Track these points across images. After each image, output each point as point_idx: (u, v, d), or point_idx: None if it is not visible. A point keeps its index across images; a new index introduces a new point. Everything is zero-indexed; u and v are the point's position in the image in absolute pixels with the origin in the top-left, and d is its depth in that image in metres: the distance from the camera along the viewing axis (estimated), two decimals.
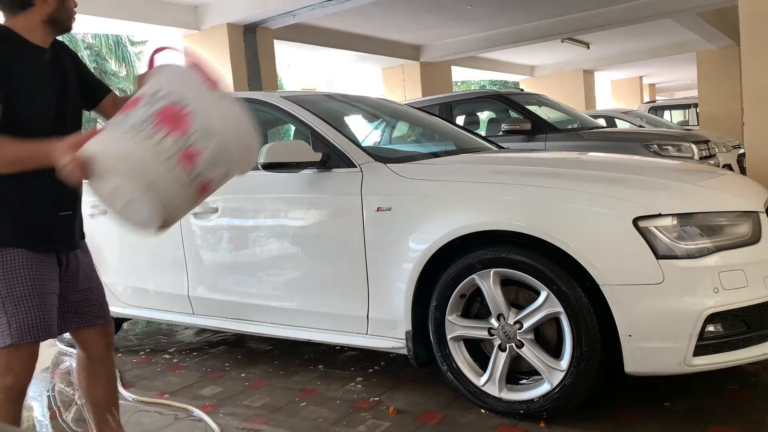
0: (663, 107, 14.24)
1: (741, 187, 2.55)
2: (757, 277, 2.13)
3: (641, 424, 2.28)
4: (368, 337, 2.69)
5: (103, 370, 2.12)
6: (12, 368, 1.83)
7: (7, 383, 1.82)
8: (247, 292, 3.07)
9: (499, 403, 2.39)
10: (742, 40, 4.27)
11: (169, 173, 1.57)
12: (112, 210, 1.70)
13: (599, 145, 5.55)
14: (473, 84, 22.71)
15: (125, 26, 7.82)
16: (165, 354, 3.69)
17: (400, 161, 2.81)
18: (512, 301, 2.39)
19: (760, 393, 2.50)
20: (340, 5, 7.11)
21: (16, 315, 1.80)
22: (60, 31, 1.94)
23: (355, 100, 4.03)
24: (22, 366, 1.85)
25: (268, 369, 3.24)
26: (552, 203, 2.27)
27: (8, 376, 1.82)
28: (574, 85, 15.23)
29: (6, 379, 1.82)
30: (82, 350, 2.10)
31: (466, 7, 8.88)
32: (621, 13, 9.37)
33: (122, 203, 1.63)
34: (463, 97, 7.00)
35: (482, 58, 13.51)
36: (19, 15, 1.85)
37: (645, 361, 2.12)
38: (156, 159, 1.55)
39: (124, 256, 3.60)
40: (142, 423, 2.66)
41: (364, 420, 2.50)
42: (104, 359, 2.12)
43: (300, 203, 2.90)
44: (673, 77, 19.65)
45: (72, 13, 1.95)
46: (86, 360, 2.11)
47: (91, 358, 2.10)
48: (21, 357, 1.84)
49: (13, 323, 1.80)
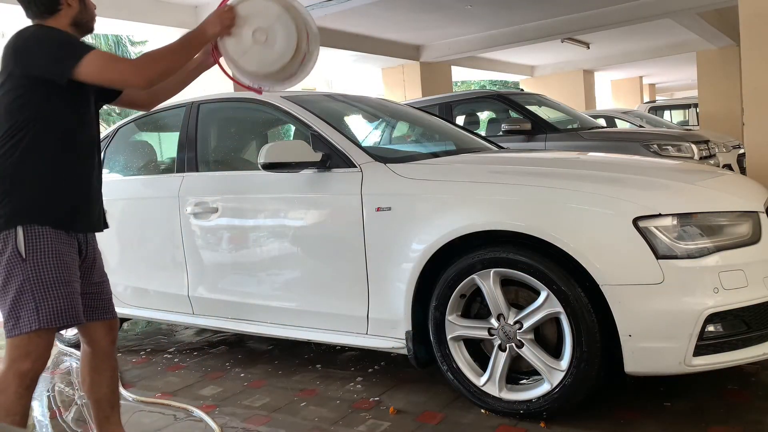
0: (663, 107, 14.24)
1: (741, 187, 2.55)
2: (757, 277, 2.13)
3: (641, 424, 2.28)
4: (368, 337, 2.69)
5: (107, 366, 2.16)
6: (30, 354, 1.88)
7: (24, 369, 1.87)
8: (247, 292, 3.07)
9: (499, 403, 2.39)
10: (742, 40, 4.27)
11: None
12: (252, 50, 2.17)
13: (599, 145, 5.55)
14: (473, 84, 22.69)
15: (125, 26, 7.81)
16: (165, 354, 3.69)
17: (400, 161, 2.81)
18: (512, 301, 2.39)
19: (760, 393, 2.50)
20: (340, 5, 7.10)
21: (46, 301, 1.87)
22: (84, 32, 2.08)
23: (355, 100, 4.03)
24: (40, 352, 1.90)
25: (268, 369, 3.24)
26: (552, 203, 2.27)
27: (26, 361, 1.88)
28: (574, 85, 15.22)
29: (24, 364, 1.87)
30: (89, 345, 2.14)
31: (466, 7, 8.87)
32: (621, 13, 9.36)
33: (264, 36, 2.16)
34: (463, 97, 7.00)
35: (482, 58, 13.49)
36: (48, 20, 1.98)
37: (645, 361, 2.12)
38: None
39: (124, 256, 3.60)
40: (142, 423, 2.66)
41: (364, 420, 2.50)
42: (109, 355, 2.17)
43: (300, 203, 2.90)
44: (673, 77, 19.63)
45: (93, 15, 2.11)
46: (91, 355, 2.14)
47: (97, 353, 2.14)
48: (40, 344, 1.89)
49: (42, 309, 1.86)
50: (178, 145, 3.47)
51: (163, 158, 4.22)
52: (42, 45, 1.87)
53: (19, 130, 1.87)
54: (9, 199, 1.88)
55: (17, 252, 1.86)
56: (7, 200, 1.88)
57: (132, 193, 3.61)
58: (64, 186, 1.95)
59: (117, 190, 3.60)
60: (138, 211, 3.52)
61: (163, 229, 3.38)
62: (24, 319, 1.85)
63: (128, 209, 3.57)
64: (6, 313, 1.89)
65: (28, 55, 1.87)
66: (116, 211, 3.52)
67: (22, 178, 1.88)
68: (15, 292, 1.86)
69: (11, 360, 1.87)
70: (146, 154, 4.00)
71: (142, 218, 3.51)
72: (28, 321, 1.85)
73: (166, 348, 3.81)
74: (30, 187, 1.89)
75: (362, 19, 9.15)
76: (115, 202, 3.57)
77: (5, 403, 1.85)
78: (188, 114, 3.50)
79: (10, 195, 1.88)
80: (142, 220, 3.51)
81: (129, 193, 3.62)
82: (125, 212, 3.56)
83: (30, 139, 1.88)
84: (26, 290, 1.86)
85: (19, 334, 1.86)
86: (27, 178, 1.89)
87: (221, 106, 3.60)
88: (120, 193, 3.58)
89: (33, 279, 1.86)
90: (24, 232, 1.86)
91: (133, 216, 3.53)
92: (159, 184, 3.55)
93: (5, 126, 1.88)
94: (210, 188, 3.22)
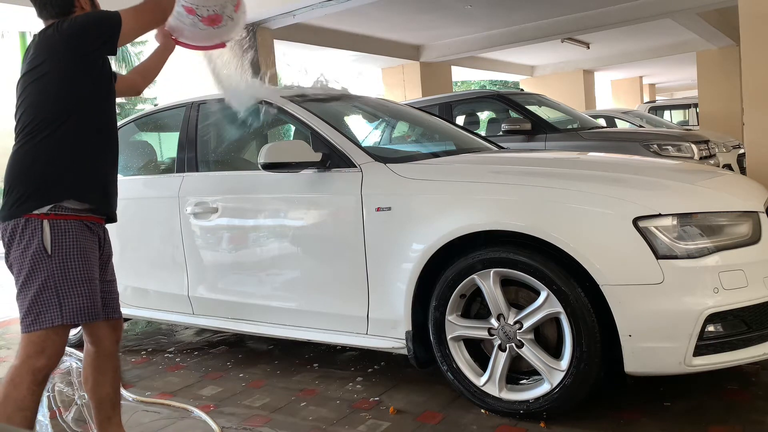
0: (663, 107, 14.24)
1: (741, 187, 2.55)
2: (757, 277, 2.13)
3: (641, 424, 2.28)
4: (368, 337, 2.69)
5: (111, 366, 2.17)
6: (45, 350, 1.91)
7: (39, 365, 1.90)
8: (247, 292, 3.07)
9: (499, 403, 2.39)
10: (742, 40, 4.27)
11: None
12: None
13: (599, 145, 5.55)
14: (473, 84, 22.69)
15: None
16: (165, 354, 3.69)
17: (400, 161, 2.81)
18: (512, 301, 2.39)
19: (760, 393, 2.50)
20: (340, 5, 7.10)
21: (70, 297, 1.91)
22: None
23: (355, 100, 4.03)
24: (54, 349, 1.93)
25: (268, 369, 3.24)
26: (552, 203, 2.27)
27: (41, 357, 1.90)
28: (574, 85, 15.22)
29: (38, 360, 1.90)
30: (93, 344, 2.15)
31: (466, 7, 8.87)
32: (621, 13, 9.36)
33: None
34: (463, 97, 7.00)
35: (482, 58, 13.49)
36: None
37: (645, 361, 2.12)
38: None
39: (124, 256, 3.60)
40: (142, 423, 2.66)
41: (364, 420, 2.50)
42: (113, 354, 2.18)
43: (300, 203, 2.90)
44: (673, 77, 19.63)
45: None
46: (95, 354, 2.15)
47: (101, 353, 2.15)
48: (56, 341, 1.93)
49: (66, 305, 1.90)
50: (178, 145, 3.47)
51: (163, 158, 4.22)
52: (91, 24, 2.03)
53: (59, 115, 1.97)
54: (45, 179, 1.95)
55: (42, 248, 1.90)
56: (43, 180, 1.95)
57: (132, 193, 3.60)
58: (97, 168, 2.07)
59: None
60: (138, 211, 3.52)
61: (163, 229, 3.38)
62: (45, 315, 1.89)
63: (128, 209, 3.56)
64: (26, 308, 1.92)
65: (81, 35, 2.00)
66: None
67: (60, 161, 1.97)
68: (37, 288, 1.90)
69: (26, 356, 1.90)
70: (146, 154, 4.00)
71: (142, 218, 3.51)
72: (50, 317, 1.89)
73: (166, 348, 3.81)
74: (66, 168, 1.98)
75: (362, 19, 9.15)
76: None
77: (18, 397, 1.87)
78: (188, 114, 3.50)
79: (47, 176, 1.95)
80: (142, 220, 3.51)
81: (129, 193, 3.60)
82: (125, 212, 3.52)
83: (70, 123, 1.98)
84: (49, 286, 1.89)
85: (39, 329, 1.89)
86: (64, 160, 1.97)
87: (221, 106, 3.60)
88: (120, 193, 3.57)
89: (58, 275, 1.90)
90: (50, 228, 1.91)
91: (133, 216, 3.52)
92: (159, 184, 3.55)
93: (50, 109, 1.97)
94: (210, 188, 3.22)
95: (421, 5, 8.68)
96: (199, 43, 2.78)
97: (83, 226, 2.00)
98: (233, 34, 2.83)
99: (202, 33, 2.69)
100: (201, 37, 2.72)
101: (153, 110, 4.05)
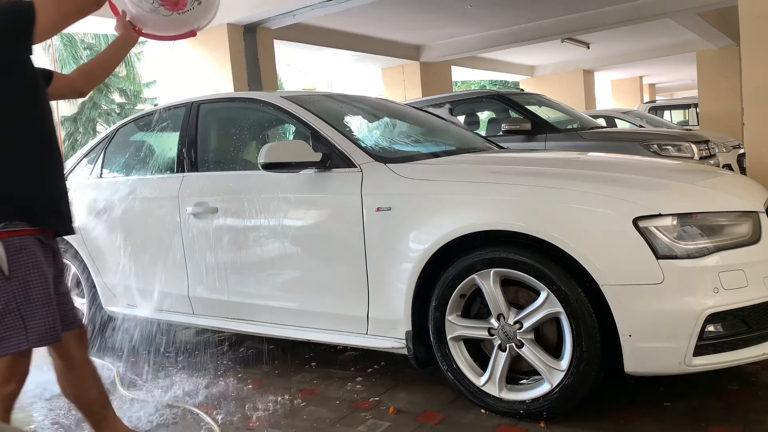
0: (663, 107, 14.26)
1: (741, 187, 2.55)
2: (757, 277, 2.13)
3: (641, 424, 2.28)
4: (368, 337, 2.69)
5: (88, 372, 2.12)
6: (14, 375, 1.85)
7: (8, 391, 1.84)
8: (247, 292, 3.07)
9: (499, 403, 2.39)
10: (742, 40, 4.27)
11: None
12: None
13: (599, 145, 5.55)
14: (473, 84, 22.70)
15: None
16: (165, 354, 3.68)
17: (400, 161, 2.80)
18: (512, 301, 2.39)
19: (760, 393, 2.50)
20: (340, 5, 7.10)
21: (34, 319, 1.81)
22: None
23: (355, 100, 4.03)
24: (23, 372, 1.87)
25: (268, 369, 3.24)
26: (552, 203, 2.27)
27: (10, 383, 1.84)
28: (574, 85, 15.22)
29: (7, 387, 1.84)
30: (62, 359, 2.07)
31: (466, 7, 8.87)
32: (621, 13, 9.36)
33: None
34: (463, 97, 7.00)
35: (482, 58, 13.50)
36: None
37: (645, 361, 2.12)
38: None
39: (124, 256, 3.60)
40: (141, 423, 2.66)
41: (364, 420, 2.50)
42: (86, 361, 2.12)
43: (300, 203, 2.90)
44: (673, 77, 19.64)
45: None
46: (69, 366, 2.08)
47: (74, 363, 2.08)
48: (24, 363, 1.86)
49: (31, 327, 1.80)
50: (178, 145, 3.47)
51: (163, 158, 4.21)
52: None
53: None
54: None
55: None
56: None
57: (132, 193, 3.60)
58: (39, 179, 1.88)
59: (117, 190, 3.60)
60: (138, 211, 3.52)
61: (163, 229, 3.37)
62: (11, 340, 1.78)
63: (128, 209, 3.57)
64: None
65: None
66: (116, 211, 3.52)
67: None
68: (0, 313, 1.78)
69: None
70: (146, 154, 4.00)
71: (142, 218, 3.50)
72: (16, 341, 1.78)
73: (166, 348, 3.81)
74: (6, 186, 1.81)
75: (362, 19, 9.15)
76: (115, 202, 3.58)
77: None
78: (188, 114, 3.50)
79: None
80: (142, 220, 3.51)
81: (129, 193, 3.62)
82: (125, 212, 3.56)
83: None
84: (12, 310, 1.78)
85: (5, 354, 1.78)
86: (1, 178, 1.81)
87: (221, 106, 3.60)
88: (120, 193, 3.58)
89: (20, 298, 1.78)
90: (5, 247, 1.78)
91: (133, 216, 3.52)
92: (159, 184, 3.55)
93: None
94: (210, 188, 3.22)
95: (421, 5, 8.68)
96: (165, 33, 2.51)
97: (37, 241, 1.86)
98: (203, 21, 2.52)
99: (166, 20, 2.40)
100: (166, 24, 2.44)
101: (153, 110, 4.05)
